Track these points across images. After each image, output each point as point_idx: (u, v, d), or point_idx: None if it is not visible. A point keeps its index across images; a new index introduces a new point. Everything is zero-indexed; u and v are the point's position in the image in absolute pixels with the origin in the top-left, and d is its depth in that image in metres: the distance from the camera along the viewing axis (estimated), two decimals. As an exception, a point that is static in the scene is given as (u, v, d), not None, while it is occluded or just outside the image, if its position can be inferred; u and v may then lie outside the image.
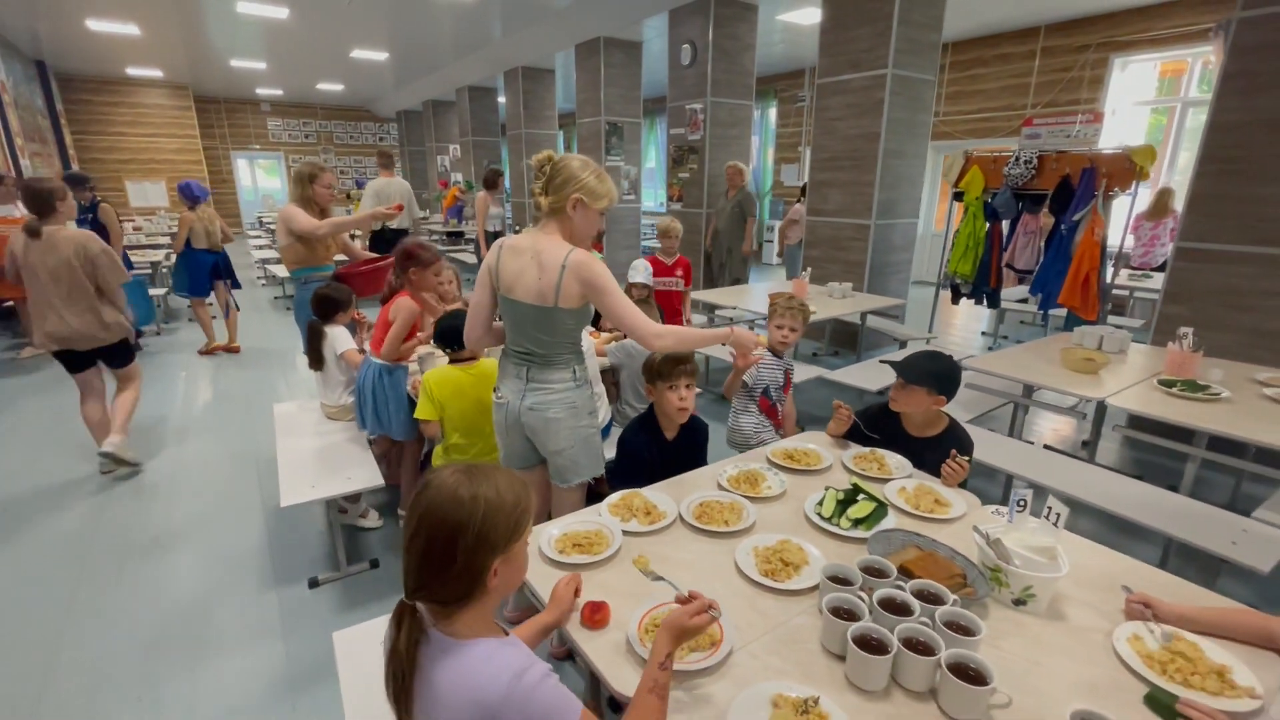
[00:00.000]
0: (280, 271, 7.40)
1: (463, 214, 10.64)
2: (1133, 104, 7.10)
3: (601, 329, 3.24)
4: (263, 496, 3.13)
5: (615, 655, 1.13)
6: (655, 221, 4.17)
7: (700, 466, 1.94)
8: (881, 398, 2.03)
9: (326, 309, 2.83)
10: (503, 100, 11.24)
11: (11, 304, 5.59)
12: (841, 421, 2.03)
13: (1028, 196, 4.78)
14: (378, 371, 2.62)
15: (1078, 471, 2.54)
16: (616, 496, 1.64)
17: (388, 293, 2.72)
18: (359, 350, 2.83)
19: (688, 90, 6.72)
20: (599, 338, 3.09)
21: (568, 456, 1.88)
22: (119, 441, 3.33)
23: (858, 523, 1.51)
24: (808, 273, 4.97)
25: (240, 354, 5.65)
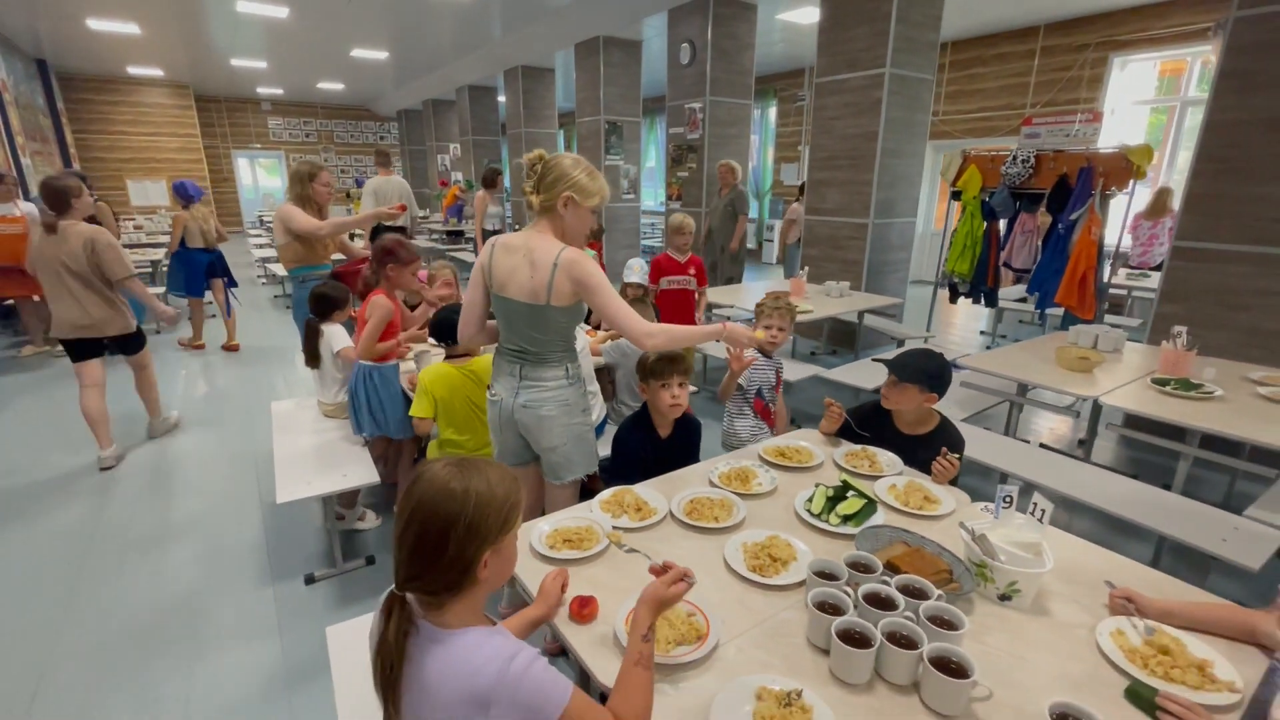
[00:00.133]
0: (280, 270, 7.39)
1: (462, 213, 10.65)
2: (1132, 103, 7.10)
3: (598, 327, 3.25)
4: (260, 493, 3.15)
5: (603, 649, 1.14)
6: (670, 218, 4.05)
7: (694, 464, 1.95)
8: (876, 396, 2.04)
9: (324, 307, 2.84)
10: (503, 99, 11.26)
11: (11, 302, 5.59)
12: (833, 419, 2.04)
13: (1025, 195, 4.78)
14: (365, 372, 2.61)
15: (1072, 470, 2.54)
16: (608, 493, 1.65)
17: (363, 289, 2.69)
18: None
19: (687, 89, 6.73)
20: (594, 336, 3.10)
21: (561, 454, 1.89)
22: (155, 421, 3.83)
23: (847, 519, 1.52)
24: (805, 272, 4.98)
25: (239, 352, 5.66)
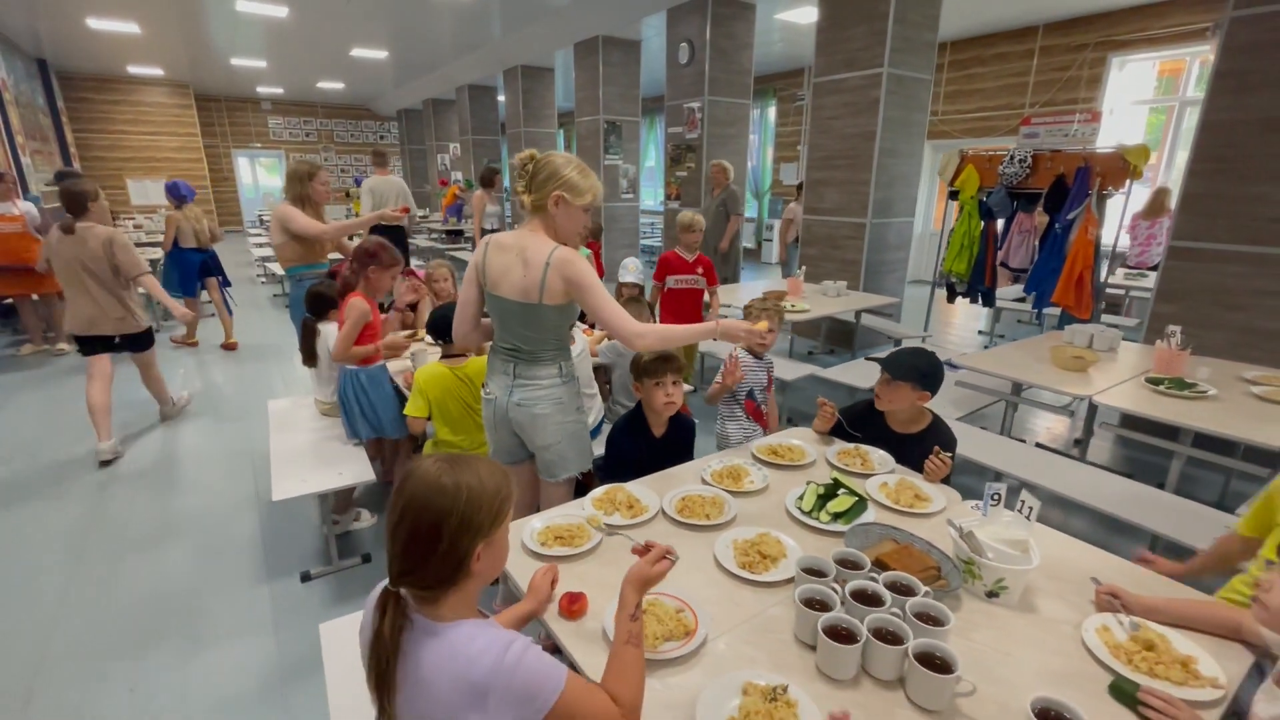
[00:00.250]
0: (279, 269, 7.39)
1: (462, 212, 10.66)
2: (1131, 103, 7.09)
3: (594, 326, 3.25)
4: (257, 491, 3.15)
5: (592, 644, 1.15)
6: (679, 216, 3.95)
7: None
8: (870, 395, 2.04)
9: (320, 306, 2.84)
10: (502, 99, 11.26)
11: (11, 301, 5.60)
12: (826, 419, 2.04)
13: (1022, 195, 4.78)
14: (352, 376, 2.60)
15: (1068, 470, 2.55)
16: (600, 491, 1.66)
17: (342, 289, 2.64)
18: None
19: (685, 89, 6.73)
20: (591, 335, 3.10)
21: (555, 452, 1.89)
22: (165, 408, 4.07)
23: (837, 516, 1.53)
24: (802, 271, 4.99)
25: (238, 351, 5.67)
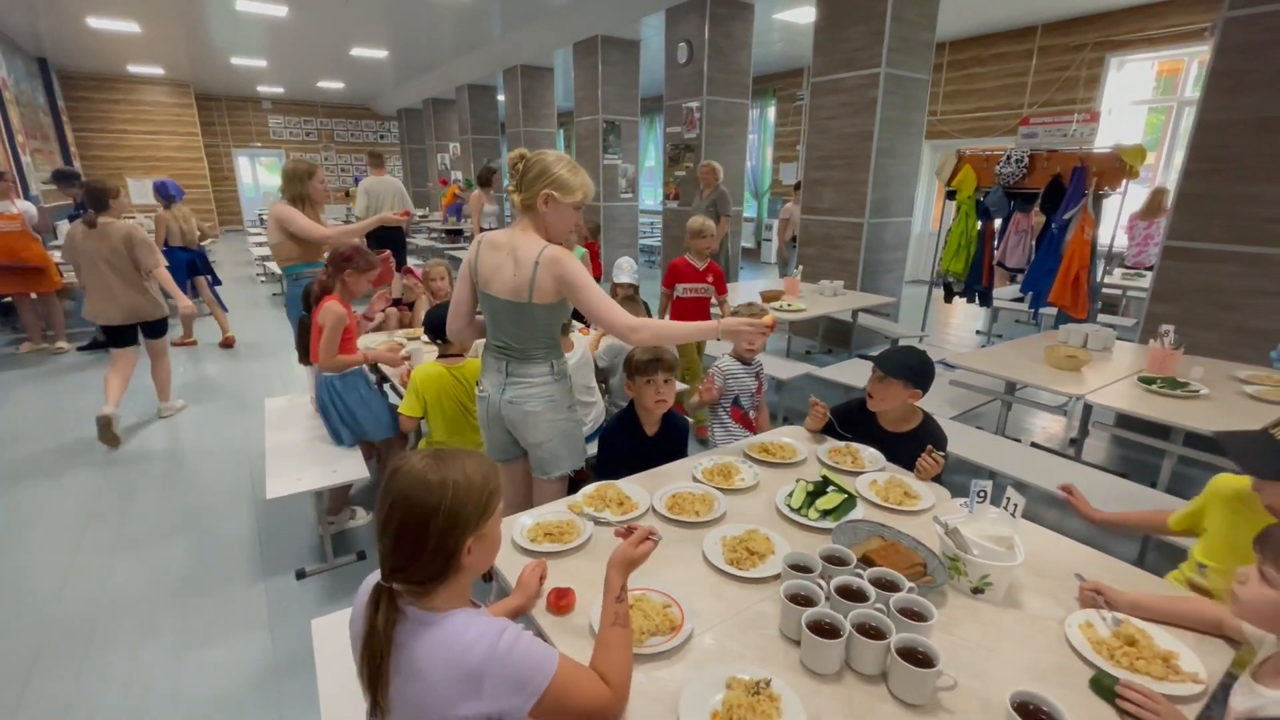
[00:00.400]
0: (278, 268, 7.43)
1: (461, 211, 10.68)
2: (1129, 103, 7.10)
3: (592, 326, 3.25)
4: (254, 489, 3.17)
5: (580, 639, 1.16)
6: (689, 221, 3.77)
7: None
8: (862, 395, 2.05)
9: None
10: (502, 98, 11.27)
11: (10, 300, 5.62)
12: (818, 418, 2.05)
13: (1019, 195, 4.78)
14: (328, 382, 2.59)
15: (1062, 469, 2.55)
16: (591, 488, 1.67)
17: (318, 293, 2.62)
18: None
19: (684, 89, 6.74)
20: (587, 334, 3.10)
21: (547, 449, 1.90)
22: (165, 405, 4.15)
23: (826, 514, 1.54)
24: (799, 271, 5.00)
25: (235, 348, 5.69)
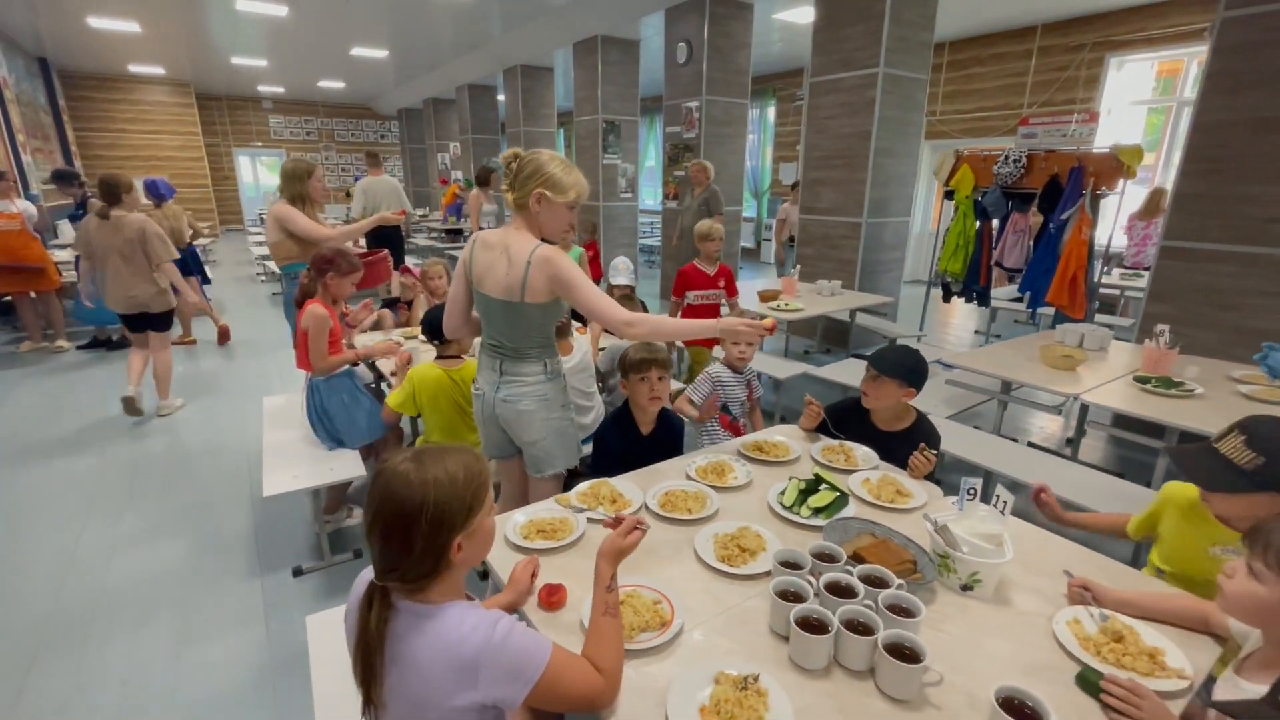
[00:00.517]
0: (277, 267, 7.44)
1: (461, 211, 10.69)
2: (1129, 104, 7.10)
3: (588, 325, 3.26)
4: (252, 487, 3.17)
5: (571, 636, 1.17)
6: (697, 225, 3.67)
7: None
8: (856, 394, 2.06)
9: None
10: (502, 98, 11.28)
11: (10, 299, 5.63)
12: (812, 417, 2.06)
13: (1017, 195, 4.79)
14: (312, 386, 2.60)
15: (1059, 469, 2.55)
16: (584, 485, 1.68)
17: (300, 296, 2.64)
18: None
19: (684, 88, 6.75)
20: (584, 333, 3.11)
21: (541, 448, 1.91)
22: (164, 403, 4.18)
23: (818, 511, 1.54)
24: (797, 270, 5.00)
25: (233, 345, 5.70)
